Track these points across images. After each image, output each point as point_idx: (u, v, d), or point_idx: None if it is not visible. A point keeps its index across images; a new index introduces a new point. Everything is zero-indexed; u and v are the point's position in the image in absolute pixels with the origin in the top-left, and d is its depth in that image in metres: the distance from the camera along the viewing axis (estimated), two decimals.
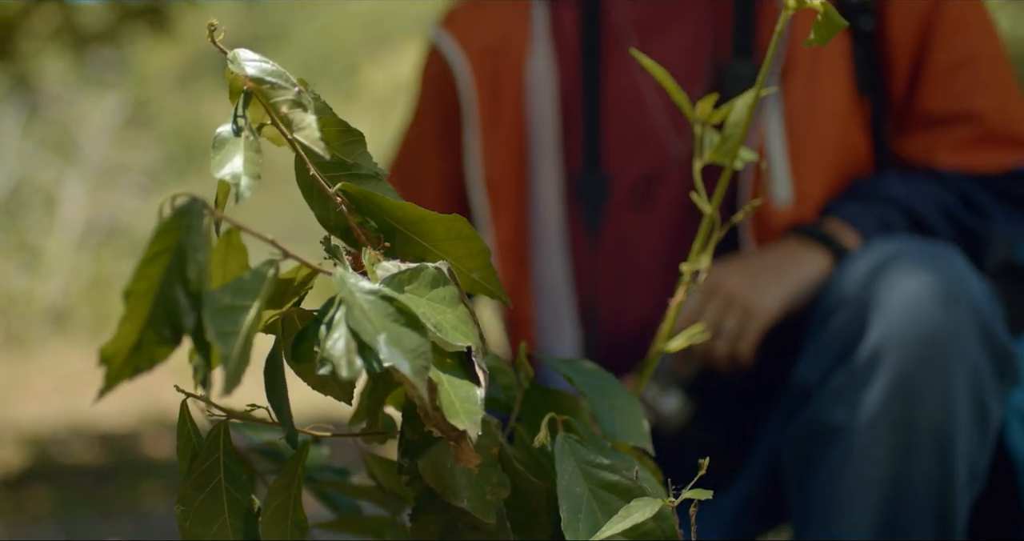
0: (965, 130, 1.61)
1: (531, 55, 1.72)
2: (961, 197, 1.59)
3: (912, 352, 1.38)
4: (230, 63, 0.78)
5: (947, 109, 1.61)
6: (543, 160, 1.72)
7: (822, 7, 0.89)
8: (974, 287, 1.43)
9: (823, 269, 1.56)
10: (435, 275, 0.80)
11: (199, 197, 0.70)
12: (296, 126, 0.78)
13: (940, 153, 1.61)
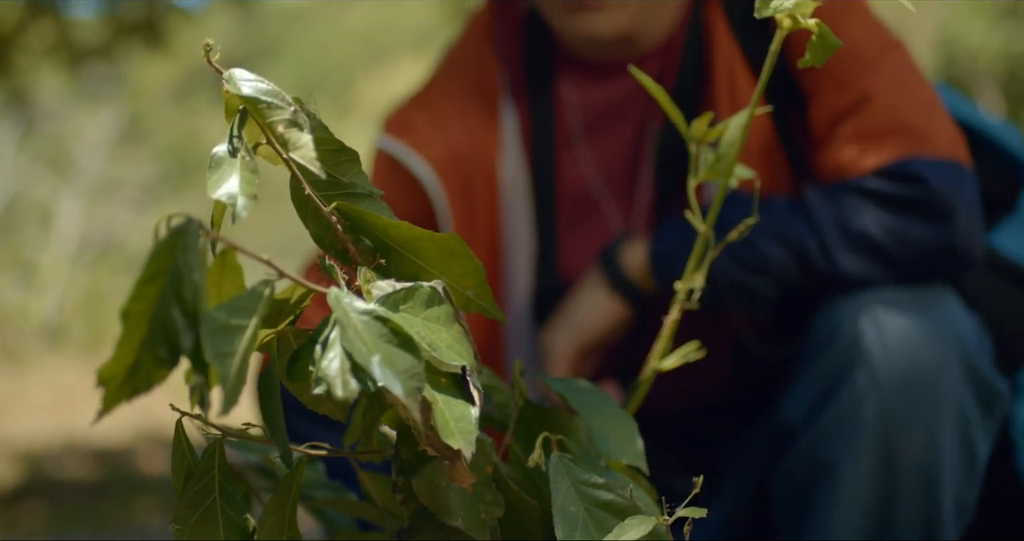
0: (851, 127, 1.52)
1: (502, 157, 1.67)
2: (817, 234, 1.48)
3: (898, 390, 1.39)
4: (226, 83, 0.79)
5: (835, 110, 1.53)
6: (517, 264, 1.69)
7: (817, 27, 0.90)
8: (960, 324, 1.43)
9: (617, 316, 1.56)
10: (430, 294, 0.81)
11: (194, 217, 0.70)
12: (292, 145, 0.78)
13: (832, 157, 1.53)
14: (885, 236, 1.45)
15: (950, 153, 1.48)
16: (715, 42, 1.60)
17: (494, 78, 1.69)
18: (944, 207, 1.45)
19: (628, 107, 1.66)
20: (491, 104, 1.69)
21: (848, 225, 1.46)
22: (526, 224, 1.68)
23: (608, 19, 1.54)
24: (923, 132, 1.49)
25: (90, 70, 10.80)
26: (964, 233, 1.46)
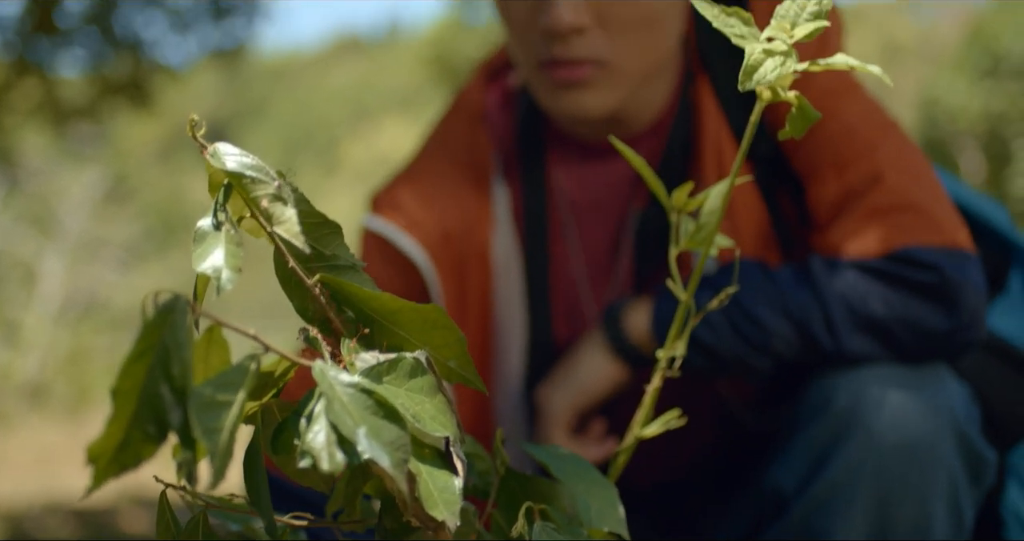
0: (860, 208, 1.51)
1: (495, 235, 1.67)
2: (825, 311, 1.47)
3: (893, 460, 1.39)
4: (210, 157, 0.80)
5: (839, 191, 1.53)
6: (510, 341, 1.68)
7: (796, 100, 0.91)
8: (953, 393, 1.44)
9: (617, 378, 1.57)
10: (413, 365, 0.81)
11: (181, 294, 0.71)
12: (275, 220, 0.79)
13: (839, 237, 1.51)
14: (893, 320, 1.45)
15: (960, 239, 1.48)
16: (704, 121, 1.60)
17: (486, 155, 1.69)
18: (954, 296, 1.45)
19: (616, 189, 1.67)
20: (483, 181, 1.69)
21: (856, 305, 1.45)
22: (519, 302, 1.68)
23: (596, 98, 1.54)
24: (932, 215, 1.48)
25: (75, 129, 10.84)
26: (970, 320, 1.46)
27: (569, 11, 1.48)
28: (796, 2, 0.93)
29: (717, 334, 1.47)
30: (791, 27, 0.91)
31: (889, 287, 1.46)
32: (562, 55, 1.51)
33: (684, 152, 1.62)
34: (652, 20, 1.52)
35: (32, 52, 9.33)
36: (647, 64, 1.55)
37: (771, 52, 0.89)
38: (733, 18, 0.91)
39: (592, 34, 1.51)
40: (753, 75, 0.89)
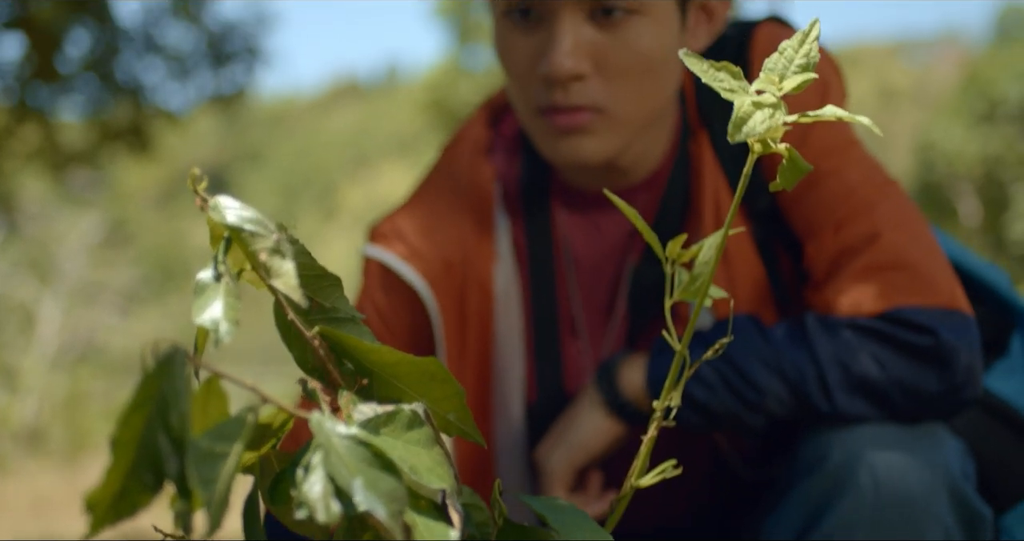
0: (856, 267, 1.51)
1: (497, 268, 1.69)
2: (819, 372, 1.47)
3: (887, 517, 1.40)
4: (211, 211, 0.81)
5: (837, 250, 1.53)
6: (512, 375, 1.69)
7: (787, 152, 0.92)
8: (948, 450, 1.44)
9: (615, 435, 1.57)
10: (410, 418, 0.82)
11: (181, 346, 0.72)
12: (274, 273, 0.80)
13: (834, 297, 1.51)
14: (887, 382, 1.45)
15: (955, 300, 1.49)
16: (702, 175, 1.62)
17: (488, 188, 1.70)
18: (948, 357, 1.45)
19: (615, 240, 1.68)
20: (485, 214, 1.70)
21: (850, 366, 1.46)
22: (519, 336, 1.69)
23: (594, 144, 1.55)
24: (928, 275, 1.49)
25: (74, 173, 10.88)
26: (964, 381, 1.46)
27: (568, 59, 1.50)
28: (784, 55, 0.94)
29: (711, 392, 1.48)
30: (780, 80, 0.92)
31: (883, 348, 1.46)
32: (561, 102, 1.53)
33: (682, 205, 1.64)
34: (650, 68, 1.54)
35: (32, 97, 9.38)
36: (645, 112, 1.57)
37: (760, 105, 0.91)
38: (722, 72, 0.92)
39: (591, 81, 1.53)
40: (742, 127, 0.90)
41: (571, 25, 1.51)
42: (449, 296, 1.67)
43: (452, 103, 20.28)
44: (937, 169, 17.72)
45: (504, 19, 1.57)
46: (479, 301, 1.68)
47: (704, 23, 1.61)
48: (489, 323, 1.68)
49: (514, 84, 1.59)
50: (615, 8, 1.50)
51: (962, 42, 39.23)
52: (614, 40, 1.52)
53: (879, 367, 1.46)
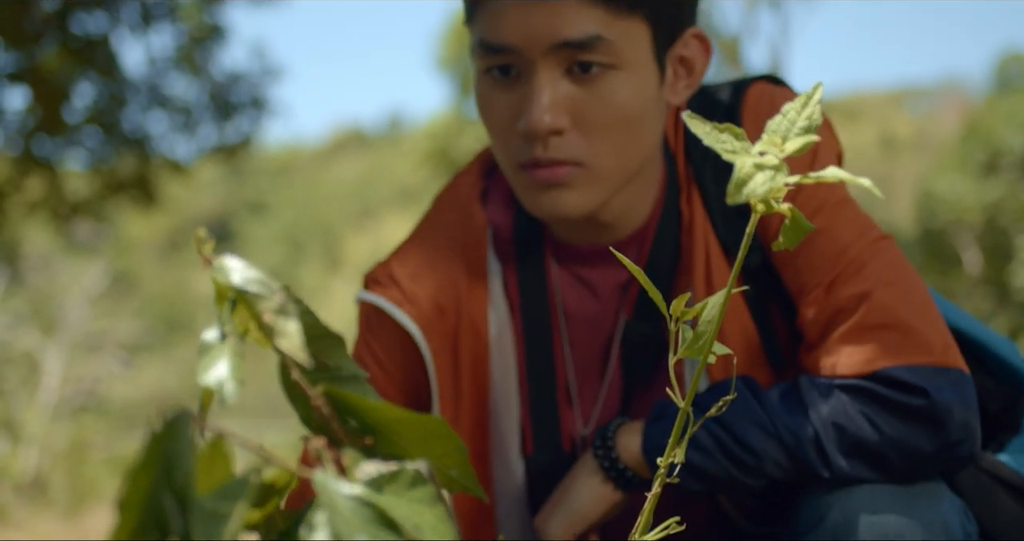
0: (847, 328, 1.51)
1: (490, 313, 1.70)
2: (815, 435, 1.47)
3: None
4: (216, 272, 0.81)
5: (829, 311, 1.53)
6: (509, 420, 1.70)
7: (790, 212, 0.93)
8: (946, 510, 1.45)
9: (614, 501, 1.58)
10: (414, 476, 0.82)
11: (187, 408, 0.72)
12: (279, 333, 0.81)
13: (826, 358, 1.52)
14: (884, 443, 1.45)
15: (948, 358, 1.49)
16: (693, 230, 1.63)
17: (482, 235, 1.72)
18: (942, 416, 1.45)
19: (607, 297, 1.69)
20: (478, 260, 1.71)
21: (844, 428, 1.46)
22: (515, 386, 1.70)
23: (575, 198, 1.56)
24: (920, 334, 1.49)
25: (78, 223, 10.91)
26: (959, 438, 1.46)
27: (547, 114, 1.52)
28: (787, 117, 0.95)
29: (707, 457, 1.49)
30: (782, 141, 0.93)
31: (876, 409, 1.47)
32: (541, 157, 1.54)
33: (671, 262, 1.65)
34: (629, 122, 1.55)
35: (38, 147, 9.43)
36: (626, 165, 1.58)
37: (761, 166, 0.91)
38: (725, 134, 0.93)
39: (570, 136, 1.54)
40: (742, 189, 0.91)
41: (549, 81, 1.53)
42: (443, 341, 1.68)
43: (455, 152, 20.37)
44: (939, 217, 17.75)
45: (485, 77, 1.59)
46: (473, 345, 1.69)
47: (684, 77, 1.62)
48: (485, 367, 1.69)
49: (496, 140, 1.60)
50: (592, 63, 1.52)
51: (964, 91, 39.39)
52: (592, 95, 1.53)
53: (873, 428, 1.46)
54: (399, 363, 1.70)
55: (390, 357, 1.70)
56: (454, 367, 1.68)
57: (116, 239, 24.29)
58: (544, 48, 1.51)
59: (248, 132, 10.29)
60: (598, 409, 1.69)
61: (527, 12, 1.51)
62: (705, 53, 1.63)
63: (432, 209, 1.78)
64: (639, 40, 1.54)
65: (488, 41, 1.55)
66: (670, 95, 1.61)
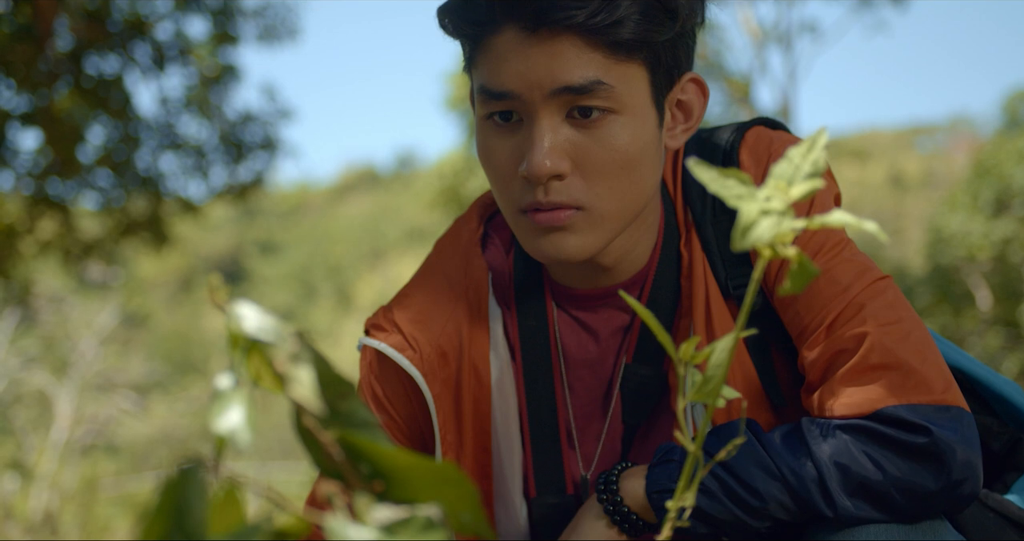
0: (846, 369, 1.52)
1: (492, 356, 1.71)
2: (820, 477, 1.48)
3: None
4: (229, 319, 0.82)
5: (828, 353, 1.54)
6: (510, 473, 1.71)
7: (797, 257, 0.94)
8: None
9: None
10: (426, 522, 0.83)
11: (201, 457, 0.73)
12: (292, 381, 0.81)
13: (827, 399, 1.52)
14: (887, 483, 1.46)
15: (949, 396, 1.50)
16: (691, 273, 1.64)
17: (483, 279, 1.73)
18: (944, 455, 1.46)
19: (607, 341, 1.70)
20: (479, 304, 1.72)
21: (849, 469, 1.47)
22: (517, 430, 1.71)
23: (577, 241, 1.57)
24: (920, 373, 1.50)
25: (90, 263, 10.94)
26: (962, 477, 1.47)
27: (548, 159, 1.53)
28: (792, 162, 0.96)
29: (712, 500, 1.49)
30: (787, 186, 0.94)
31: (879, 448, 1.48)
32: (542, 201, 1.55)
33: (671, 305, 1.66)
34: (628, 166, 1.56)
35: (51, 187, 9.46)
36: (626, 208, 1.59)
37: (767, 211, 0.92)
38: (730, 179, 0.94)
39: (570, 180, 1.55)
40: (749, 234, 0.91)
41: (549, 126, 1.54)
42: (445, 385, 1.69)
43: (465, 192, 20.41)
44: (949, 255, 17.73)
45: (485, 122, 1.60)
46: (475, 389, 1.70)
47: (681, 121, 1.64)
48: (486, 411, 1.70)
49: (497, 185, 1.61)
50: (592, 108, 1.53)
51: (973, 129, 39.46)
52: (592, 139, 1.55)
53: (876, 468, 1.47)
54: (402, 407, 1.72)
55: (393, 401, 1.72)
56: (456, 411, 1.69)
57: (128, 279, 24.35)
58: (544, 93, 1.53)
59: (260, 172, 10.34)
60: (599, 451, 1.70)
61: (527, 58, 1.53)
62: (702, 97, 1.64)
63: (433, 254, 1.79)
64: (638, 85, 1.55)
65: (489, 87, 1.56)
66: (668, 139, 1.62)
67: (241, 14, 10.07)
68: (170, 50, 9.63)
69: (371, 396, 1.72)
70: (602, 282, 1.68)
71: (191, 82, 9.97)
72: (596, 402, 1.71)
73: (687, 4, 1.56)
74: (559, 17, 1.50)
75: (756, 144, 1.65)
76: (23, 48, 8.43)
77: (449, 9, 1.59)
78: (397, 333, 1.70)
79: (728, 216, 1.65)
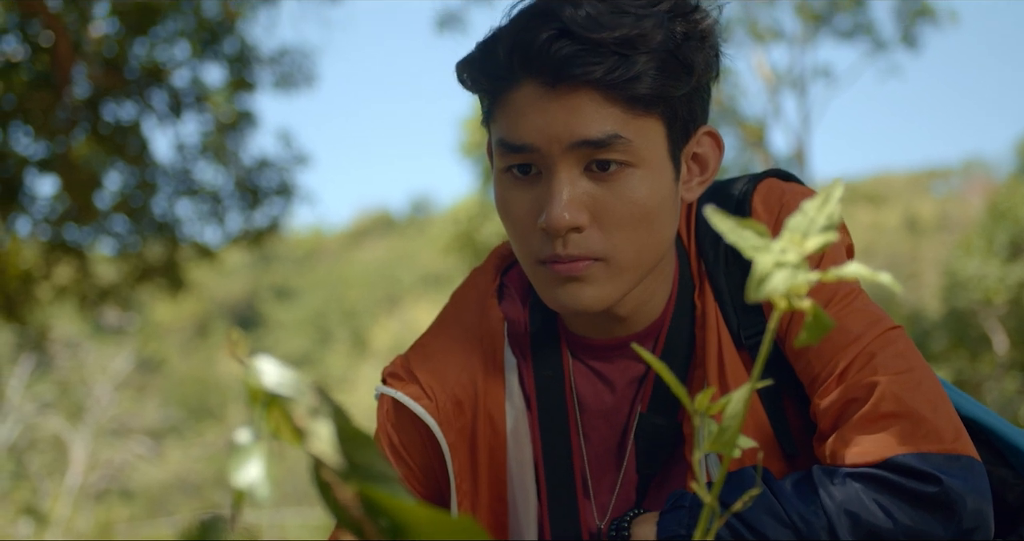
0: (857, 419, 1.52)
1: (507, 406, 1.72)
2: (829, 525, 1.48)
3: None
4: (249, 374, 0.83)
5: (839, 402, 1.55)
6: (526, 522, 1.71)
7: (812, 309, 0.94)
8: None
9: None
10: None
11: (221, 514, 0.74)
12: (311, 436, 0.82)
13: (838, 447, 1.53)
14: (897, 531, 1.46)
15: (959, 446, 1.50)
16: (705, 323, 1.65)
17: (499, 328, 1.74)
18: (957, 504, 1.47)
19: (622, 391, 1.71)
20: (495, 355, 1.73)
21: (859, 517, 1.47)
22: (532, 479, 1.71)
23: (594, 292, 1.58)
24: (931, 422, 1.50)
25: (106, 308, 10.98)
26: (974, 528, 1.47)
27: (566, 211, 1.54)
28: (807, 215, 0.96)
29: None
30: (802, 239, 0.95)
31: (889, 497, 1.48)
32: (561, 253, 1.56)
33: (685, 356, 1.67)
34: (646, 218, 1.57)
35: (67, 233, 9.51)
36: (643, 260, 1.60)
37: (782, 263, 0.93)
38: (747, 230, 0.95)
39: (589, 232, 1.56)
40: (763, 286, 0.92)
41: (568, 179, 1.55)
42: (461, 434, 1.70)
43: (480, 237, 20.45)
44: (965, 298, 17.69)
45: (504, 175, 1.61)
46: (491, 438, 1.70)
47: (697, 174, 1.65)
48: (502, 461, 1.71)
49: (515, 236, 1.63)
50: (611, 161, 1.55)
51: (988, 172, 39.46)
52: (610, 192, 1.56)
53: (887, 516, 1.47)
54: (418, 455, 1.72)
55: (410, 450, 1.73)
56: (472, 460, 1.70)
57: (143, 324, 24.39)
58: (563, 147, 1.54)
59: (275, 218, 10.37)
60: (614, 501, 1.70)
61: (546, 112, 1.54)
62: (718, 150, 1.66)
63: (450, 305, 1.80)
64: (655, 139, 1.57)
65: (508, 141, 1.58)
66: (684, 192, 1.64)
67: (258, 61, 10.14)
68: (187, 97, 9.70)
69: (387, 444, 1.73)
70: (617, 332, 1.68)
71: (207, 128, 10.03)
72: (611, 452, 1.71)
73: (703, 59, 1.58)
74: (578, 73, 1.51)
75: (768, 195, 1.66)
76: (41, 95, 8.50)
77: (468, 63, 1.61)
78: (414, 382, 1.71)
79: (740, 266, 1.66)
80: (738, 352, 1.64)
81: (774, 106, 21.48)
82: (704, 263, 1.69)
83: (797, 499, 1.49)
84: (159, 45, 9.58)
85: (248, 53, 9.99)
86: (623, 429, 1.71)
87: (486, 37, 1.61)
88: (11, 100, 8.67)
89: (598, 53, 1.52)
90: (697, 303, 1.67)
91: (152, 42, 9.50)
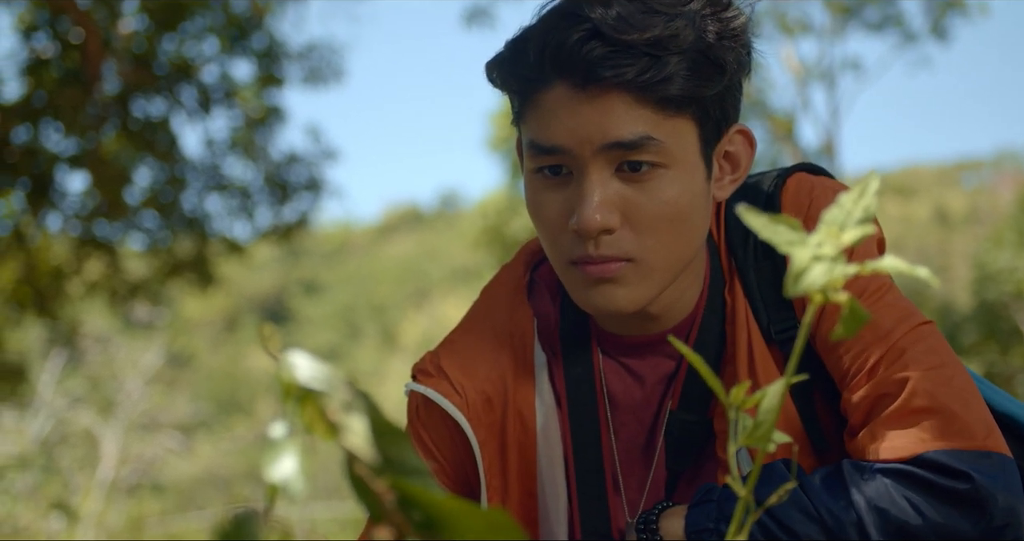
0: (888, 414, 1.52)
1: (537, 402, 1.71)
2: (858, 519, 1.47)
3: None
4: (282, 369, 0.83)
5: (870, 397, 1.54)
6: (556, 519, 1.70)
7: (848, 303, 0.94)
8: None
9: None
10: None
11: (255, 508, 0.74)
12: (345, 430, 0.82)
13: (869, 443, 1.52)
14: (926, 528, 1.46)
15: (991, 442, 1.49)
16: (735, 319, 1.65)
17: (528, 325, 1.74)
18: (985, 501, 1.46)
19: (653, 387, 1.70)
20: (525, 352, 1.73)
21: (888, 512, 1.46)
22: (562, 476, 1.71)
23: (627, 293, 1.58)
24: (962, 419, 1.50)
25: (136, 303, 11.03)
26: (1004, 525, 1.46)
27: (598, 213, 1.53)
28: (843, 208, 0.96)
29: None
30: (839, 232, 0.94)
31: (919, 493, 1.47)
32: (593, 254, 1.56)
33: (716, 352, 1.66)
34: (678, 219, 1.57)
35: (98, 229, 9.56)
36: (675, 260, 1.59)
37: (819, 257, 0.92)
38: (781, 225, 0.94)
39: (621, 234, 1.56)
40: (800, 280, 0.91)
41: (599, 180, 1.54)
42: (491, 431, 1.69)
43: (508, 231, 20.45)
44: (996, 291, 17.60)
45: (535, 176, 1.61)
46: (521, 435, 1.70)
47: (729, 172, 1.64)
48: (532, 458, 1.70)
49: (546, 237, 1.62)
50: (642, 163, 1.54)
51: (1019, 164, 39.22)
52: (642, 193, 1.55)
53: (916, 512, 1.46)
54: (448, 452, 1.72)
55: (440, 446, 1.72)
56: (502, 457, 1.69)
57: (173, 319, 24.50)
58: (594, 148, 1.53)
59: (304, 213, 10.40)
60: (644, 498, 1.70)
61: (577, 114, 1.53)
62: (749, 148, 1.65)
63: (479, 301, 1.80)
64: (687, 139, 1.56)
65: (539, 142, 1.57)
66: (716, 190, 1.63)
67: (286, 56, 10.16)
68: (216, 92, 9.73)
69: (418, 441, 1.73)
70: (649, 329, 1.68)
71: (236, 124, 10.06)
72: (640, 449, 1.71)
73: (735, 58, 1.57)
74: (609, 75, 1.50)
75: (798, 190, 1.65)
76: (71, 92, 8.54)
77: (498, 63, 1.60)
78: (444, 379, 1.71)
79: (771, 261, 1.65)
80: (768, 347, 1.63)
81: (803, 99, 21.40)
82: (734, 259, 1.68)
83: (826, 494, 1.49)
84: (188, 41, 9.61)
85: (276, 49, 10.01)
86: (652, 426, 1.70)
87: (516, 37, 1.61)
88: (41, 97, 8.72)
89: (629, 55, 1.51)
90: (727, 299, 1.67)
91: (181, 38, 9.54)
